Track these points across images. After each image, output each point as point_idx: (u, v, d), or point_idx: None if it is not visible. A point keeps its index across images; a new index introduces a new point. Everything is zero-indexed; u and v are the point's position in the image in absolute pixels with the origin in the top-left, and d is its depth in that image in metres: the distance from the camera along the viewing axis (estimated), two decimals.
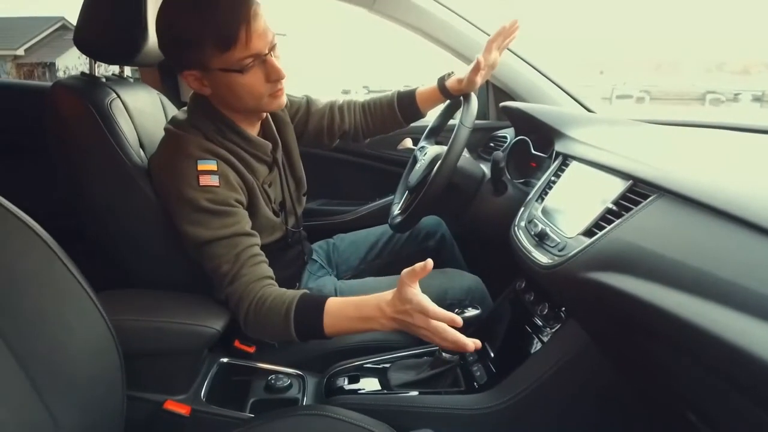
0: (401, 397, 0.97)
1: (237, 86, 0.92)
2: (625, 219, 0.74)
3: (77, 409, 0.63)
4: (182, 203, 0.93)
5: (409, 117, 1.31)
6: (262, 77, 0.93)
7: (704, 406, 0.64)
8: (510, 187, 1.20)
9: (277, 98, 0.98)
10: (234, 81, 0.91)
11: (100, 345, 0.67)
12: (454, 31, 1.55)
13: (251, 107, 0.98)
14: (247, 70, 0.90)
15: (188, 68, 0.91)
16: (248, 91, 0.93)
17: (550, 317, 0.95)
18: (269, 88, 0.95)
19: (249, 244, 0.95)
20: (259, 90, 0.94)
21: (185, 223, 0.93)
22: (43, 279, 0.62)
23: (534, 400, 0.90)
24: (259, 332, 0.94)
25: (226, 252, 0.93)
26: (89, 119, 0.97)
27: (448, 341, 0.82)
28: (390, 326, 0.87)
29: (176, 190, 0.93)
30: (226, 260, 0.92)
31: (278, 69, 0.93)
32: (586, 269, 0.75)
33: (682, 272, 0.60)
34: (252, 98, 0.95)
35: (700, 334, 0.54)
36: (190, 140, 0.96)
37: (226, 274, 0.92)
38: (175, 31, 0.88)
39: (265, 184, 1.06)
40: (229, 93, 0.94)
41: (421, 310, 0.82)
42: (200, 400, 0.95)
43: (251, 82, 0.92)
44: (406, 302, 0.83)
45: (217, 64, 0.89)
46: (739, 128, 1.32)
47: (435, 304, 0.83)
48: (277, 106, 1.00)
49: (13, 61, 12.06)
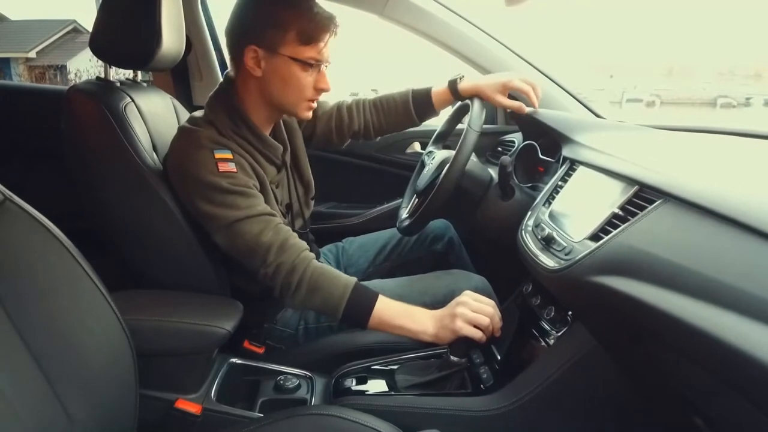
0: (408, 398, 0.98)
1: (292, 78, 0.99)
2: (631, 224, 0.74)
3: (92, 406, 0.65)
4: (205, 189, 0.95)
5: (424, 115, 1.32)
6: (313, 82, 1.01)
7: (710, 411, 0.65)
8: (517, 192, 1.21)
9: (310, 109, 1.05)
10: (291, 72, 0.98)
11: (115, 344, 0.69)
12: (463, 36, 1.56)
13: (288, 104, 1.03)
14: (308, 69, 0.98)
15: (256, 44, 0.97)
16: (297, 87, 1.00)
17: (556, 320, 0.96)
18: (312, 94, 1.02)
19: (281, 221, 0.99)
20: (305, 91, 1.01)
21: (212, 206, 0.96)
22: (59, 279, 0.64)
23: (540, 402, 0.90)
24: (308, 300, 0.97)
25: (263, 227, 0.96)
26: (104, 123, 0.99)
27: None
28: (436, 331, 0.96)
29: (196, 179, 0.95)
30: (266, 233, 0.96)
31: (327, 81, 1.02)
32: (592, 273, 0.75)
33: (687, 277, 0.61)
34: (295, 95, 1.01)
35: (705, 338, 0.55)
36: (203, 134, 0.99)
37: (271, 245, 0.95)
38: (265, 6, 0.97)
39: (272, 184, 1.08)
40: (280, 81, 1.00)
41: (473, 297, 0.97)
42: (211, 400, 0.96)
43: (305, 81, 1.00)
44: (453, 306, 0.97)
45: (288, 51, 0.97)
46: (748, 134, 1.32)
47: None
48: (304, 116, 1.06)
49: (24, 63, 12.21)
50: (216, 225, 0.97)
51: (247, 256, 0.97)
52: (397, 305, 0.98)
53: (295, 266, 0.95)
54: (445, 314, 0.97)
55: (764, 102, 9.12)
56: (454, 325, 0.94)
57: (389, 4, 1.51)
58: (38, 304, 0.61)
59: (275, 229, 0.96)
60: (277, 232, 0.96)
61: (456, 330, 0.94)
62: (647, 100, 9.48)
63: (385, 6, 1.51)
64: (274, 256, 0.95)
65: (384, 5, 1.51)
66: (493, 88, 1.20)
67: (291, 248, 0.96)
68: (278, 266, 0.95)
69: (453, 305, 0.97)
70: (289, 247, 0.96)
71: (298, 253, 0.96)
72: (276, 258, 0.95)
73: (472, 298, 0.97)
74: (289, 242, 0.96)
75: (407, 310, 0.99)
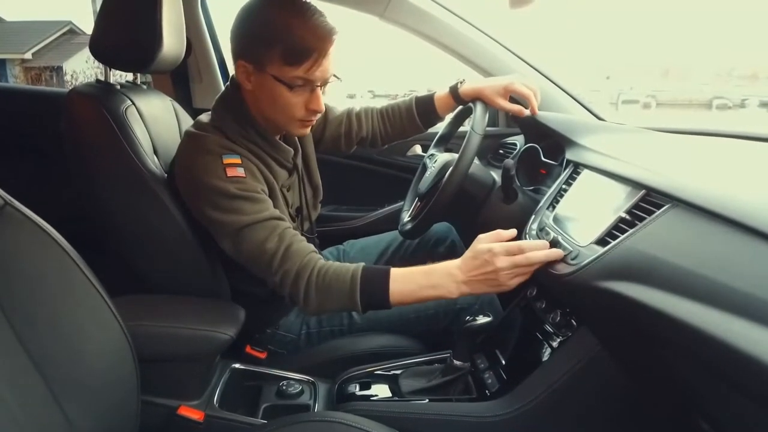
0: (413, 404, 0.97)
1: (278, 98, 0.95)
2: (639, 228, 0.74)
3: (93, 413, 0.64)
4: (212, 194, 0.93)
5: (428, 121, 1.33)
6: (303, 103, 0.96)
7: (717, 415, 0.64)
8: (520, 195, 1.20)
9: (305, 127, 1.02)
10: (278, 92, 0.94)
11: (116, 350, 0.68)
12: (464, 38, 1.55)
13: (279, 121, 1.01)
14: (295, 90, 0.94)
15: (245, 60, 0.94)
16: (285, 107, 0.96)
17: (561, 325, 0.95)
18: (304, 115, 0.98)
19: (288, 226, 0.97)
20: (294, 111, 0.97)
21: (219, 212, 0.94)
22: (60, 284, 0.63)
23: (546, 407, 0.90)
24: (322, 304, 0.94)
25: (269, 233, 0.93)
26: (105, 126, 0.99)
27: (540, 262, 0.88)
28: (461, 291, 0.90)
29: (204, 184, 0.93)
30: (271, 239, 0.93)
31: (320, 103, 0.97)
32: (600, 278, 0.75)
33: (696, 282, 0.60)
34: (284, 115, 0.98)
35: (716, 344, 0.55)
36: (212, 139, 0.97)
37: (275, 253, 0.92)
38: (256, 22, 0.93)
39: (283, 188, 1.07)
40: (268, 99, 0.97)
41: (504, 251, 0.87)
42: (213, 406, 0.96)
43: (293, 101, 0.96)
44: (482, 253, 0.88)
45: (273, 70, 0.93)
46: (752, 137, 1.31)
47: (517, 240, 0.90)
48: (299, 133, 1.04)
49: (20, 64, 12.16)
50: (223, 231, 0.95)
51: (253, 263, 0.96)
52: (413, 277, 0.92)
53: (299, 273, 0.92)
54: (476, 272, 0.89)
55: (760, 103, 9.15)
56: (506, 283, 0.88)
57: (390, 6, 1.51)
58: (38, 310, 0.60)
59: (280, 235, 0.94)
60: (281, 239, 0.94)
61: (509, 287, 0.89)
62: (643, 101, 9.48)
63: (386, 8, 1.51)
64: (278, 264, 0.93)
65: (385, 7, 1.51)
66: (495, 91, 1.20)
67: (294, 254, 0.93)
68: (284, 275, 0.93)
69: (482, 259, 0.88)
70: (292, 253, 0.93)
71: (300, 258, 0.93)
72: (280, 266, 0.93)
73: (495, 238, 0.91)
74: (292, 248, 0.94)
75: (426, 277, 0.92)
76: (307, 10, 0.92)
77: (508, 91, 1.20)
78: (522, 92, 1.19)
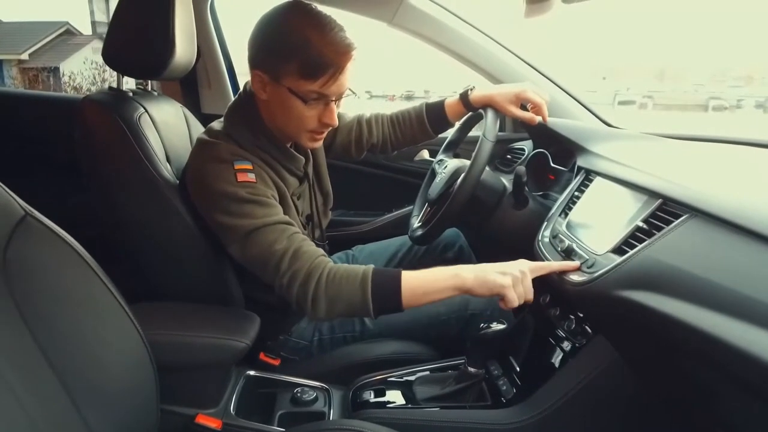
0: (429, 411, 0.98)
1: (292, 110, 0.95)
2: (657, 238, 0.74)
3: (113, 422, 0.64)
4: (223, 199, 0.93)
5: (439, 128, 1.34)
6: (317, 116, 0.97)
7: (735, 424, 0.65)
8: (531, 201, 1.21)
9: (316, 141, 1.03)
10: (292, 104, 0.95)
11: (136, 359, 0.68)
12: (473, 44, 1.56)
13: (290, 133, 1.01)
14: (310, 103, 0.94)
15: (262, 70, 0.94)
16: (298, 119, 0.97)
17: (576, 332, 0.95)
18: (316, 127, 0.99)
19: (297, 230, 0.96)
20: (307, 124, 0.97)
21: (229, 217, 0.93)
22: (80, 294, 0.63)
23: (561, 415, 0.90)
24: (331, 308, 0.91)
25: (277, 236, 0.93)
26: (119, 134, 0.99)
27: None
28: (474, 280, 0.89)
29: (215, 190, 0.93)
30: (280, 242, 0.92)
31: (334, 117, 0.97)
32: (618, 287, 0.75)
33: (716, 292, 0.61)
34: (296, 127, 0.99)
35: (735, 353, 0.55)
36: (224, 147, 0.97)
37: (284, 255, 0.91)
38: (275, 33, 0.93)
39: (294, 196, 1.07)
40: (281, 110, 0.97)
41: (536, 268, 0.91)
42: (230, 414, 0.96)
43: (306, 114, 0.96)
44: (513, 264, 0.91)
45: (289, 82, 0.93)
46: (763, 145, 1.32)
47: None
48: (309, 146, 1.04)
49: (17, 65, 12.10)
50: (231, 236, 0.94)
51: (261, 267, 0.94)
52: (424, 273, 0.92)
53: (308, 275, 0.90)
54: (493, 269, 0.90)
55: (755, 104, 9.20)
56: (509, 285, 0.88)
57: (399, 13, 1.51)
58: (60, 320, 0.60)
59: (290, 238, 0.93)
60: (291, 241, 0.93)
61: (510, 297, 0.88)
62: (639, 101, 9.51)
63: (395, 14, 1.51)
64: (287, 264, 0.91)
65: (394, 13, 1.51)
66: (506, 98, 1.20)
67: (303, 256, 0.92)
68: (292, 276, 0.91)
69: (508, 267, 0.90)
70: (301, 255, 0.92)
71: (310, 260, 0.92)
72: (290, 266, 0.91)
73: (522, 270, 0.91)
74: (302, 249, 0.93)
75: (439, 271, 0.92)
76: (327, 24, 0.91)
77: (519, 99, 1.20)
78: (534, 100, 1.20)
